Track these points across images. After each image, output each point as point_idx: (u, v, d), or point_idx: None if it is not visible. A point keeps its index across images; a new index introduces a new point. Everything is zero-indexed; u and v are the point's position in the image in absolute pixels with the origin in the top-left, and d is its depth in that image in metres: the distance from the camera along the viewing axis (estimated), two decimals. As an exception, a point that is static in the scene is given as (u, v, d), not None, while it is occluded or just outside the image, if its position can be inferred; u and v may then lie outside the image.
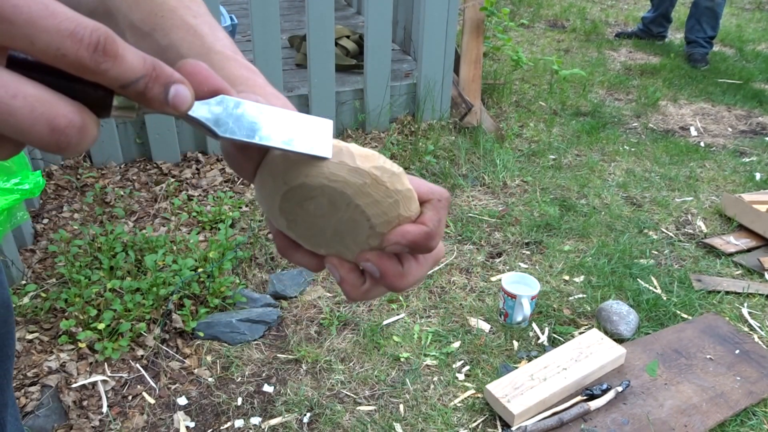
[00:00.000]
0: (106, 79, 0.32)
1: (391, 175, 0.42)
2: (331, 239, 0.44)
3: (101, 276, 1.98)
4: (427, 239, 0.43)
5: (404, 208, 0.43)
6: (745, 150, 3.24)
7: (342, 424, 1.64)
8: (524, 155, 3.02)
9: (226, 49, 0.48)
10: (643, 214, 2.61)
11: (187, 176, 2.64)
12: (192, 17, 0.48)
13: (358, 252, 0.44)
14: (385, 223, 0.42)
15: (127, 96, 0.34)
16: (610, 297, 2.11)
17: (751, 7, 6.14)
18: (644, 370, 1.81)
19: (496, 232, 2.44)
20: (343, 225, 0.43)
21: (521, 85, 3.81)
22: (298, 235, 0.45)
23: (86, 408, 1.64)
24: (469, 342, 1.92)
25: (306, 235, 0.45)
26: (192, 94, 0.36)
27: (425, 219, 0.43)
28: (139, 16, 0.47)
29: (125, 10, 0.48)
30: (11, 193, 1.76)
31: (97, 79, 0.32)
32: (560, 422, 1.62)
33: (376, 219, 0.42)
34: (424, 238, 0.43)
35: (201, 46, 0.47)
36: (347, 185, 0.41)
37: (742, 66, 4.39)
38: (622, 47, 4.71)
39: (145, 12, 0.47)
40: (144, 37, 0.47)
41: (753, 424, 1.68)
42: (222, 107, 0.38)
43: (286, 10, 4.15)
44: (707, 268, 2.29)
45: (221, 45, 0.48)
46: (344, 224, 0.43)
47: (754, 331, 2.01)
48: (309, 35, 2.76)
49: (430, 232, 0.43)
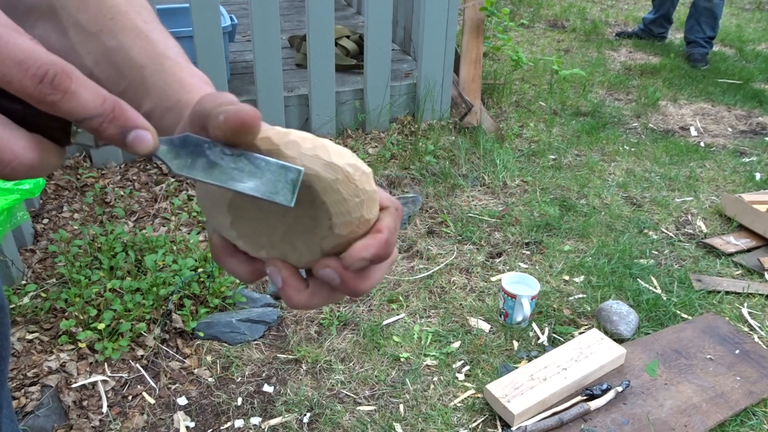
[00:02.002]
0: (57, 112, 0.33)
1: (362, 173, 0.41)
2: (279, 240, 0.43)
3: (101, 276, 1.98)
4: (387, 248, 0.42)
5: (367, 210, 0.41)
6: (745, 150, 3.24)
7: (342, 424, 1.64)
8: (524, 155, 3.02)
9: (179, 57, 0.48)
10: (643, 214, 2.61)
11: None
12: (143, 22, 0.48)
13: (315, 258, 0.43)
14: (345, 224, 0.41)
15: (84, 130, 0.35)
16: (610, 297, 2.11)
17: (751, 7, 6.14)
18: (644, 370, 1.81)
19: (496, 232, 2.44)
20: (299, 224, 0.42)
21: (521, 85, 3.81)
22: (241, 234, 0.43)
23: (86, 408, 1.64)
24: (469, 342, 1.92)
25: (249, 235, 0.43)
26: (154, 139, 0.36)
27: (382, 226, 0.42)
28: (86, 16, 0.47)
29: (71, 8, 0.47)
30: (11, 193, 1.76)
31: (48, 110, 0.33)
32: (560, 422, 1.62)
33: (338, 218, 0.41)
34: (384, 248, 0.42)
35: (152, 50, 0.47)
36: (319, 180, 0.39)
37: (742, 66, 4.39)
38: (622, 47, 4.71)
39: (93, 12, 0.47)
40: (89, 37, 0.47)
41: (753, 424, 1.68)
42: (185, 145, 0.38)
43: (286, 10, 4.15)
44: (707, 268, 2.29)
45: (173, 52, 0.48)
46: (300, 223, 0.42)
47: (754, 331, 2.01)
48: (309, 35, 2.76)
49: (388, 240, 0.42)
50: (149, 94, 0.45)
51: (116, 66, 0.46)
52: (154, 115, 0.45)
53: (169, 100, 0.45)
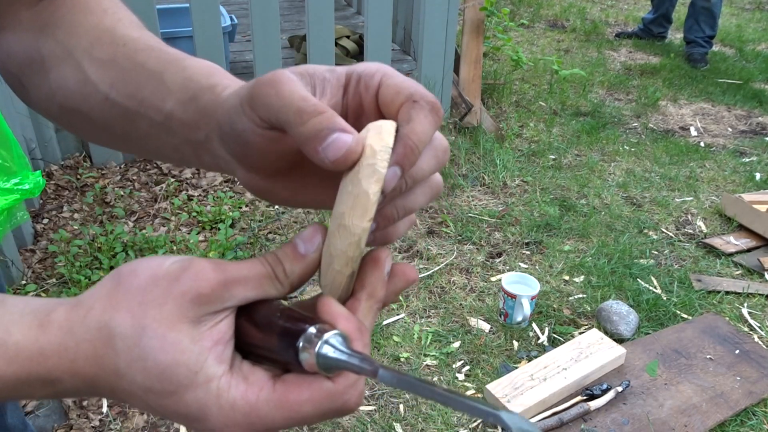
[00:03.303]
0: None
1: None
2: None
3: (101, 276, 1.98)
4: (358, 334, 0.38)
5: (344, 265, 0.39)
6: (745, 150, 3.24)
7: (342, 424, 1.64)
8: (524, 155, 3.02)
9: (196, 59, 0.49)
10: (643, 214, 2.61)
11: (187, 176, 2.64)
12: (155, 41, 0.50)
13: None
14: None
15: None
16: (610, 297, 2.11)
17: (751, 7, 6.14)
18: (644, 370, 1.81)
19: (496, 232, 2.44)
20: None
21: (521, 85, 3.81)
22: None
23: (86, 408, 1.64)
24: (469, 342, 1.92)
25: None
26: None
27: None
28: (100, 48, 0.49)
29: (86, 46, 0.50)
30: (11, 193, 1.76)
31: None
32: (560, 422, 1.62)
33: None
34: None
35: (169, 57, 0.48)
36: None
37: (742, 66, 4.39)
38: (622, 47, 4.71)
39: (107, 44, 0.49)
40: (103, 66, 0.49)
41: (753, 424, 1.68)
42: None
43: (286, 10, 4.15)
44: (707, 268, 2.29)
45: (191, 59, 0.49)
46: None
47: (754, 331, 2.01)
48: (309, 35, 2.76)
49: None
50: (171, 92, 0.45)
51: (135, 82, 0.47)
52: (176, 111, 0.45)
53: (189, 90, 0.45)
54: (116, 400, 0.38)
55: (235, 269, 0.37)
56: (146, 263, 0.37)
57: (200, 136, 0.44)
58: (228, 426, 0.35)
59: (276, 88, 0.36)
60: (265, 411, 0.35)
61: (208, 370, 0.34)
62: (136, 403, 0.36)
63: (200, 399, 0.34)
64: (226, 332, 0.36)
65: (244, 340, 0.37)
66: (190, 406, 0.34)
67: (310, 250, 0.38)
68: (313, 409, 0.35)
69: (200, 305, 0.35)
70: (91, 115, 0.49)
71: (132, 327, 0.34)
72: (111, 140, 0.52)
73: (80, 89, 0.48)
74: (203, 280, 0.35)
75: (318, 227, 0.39)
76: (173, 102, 0.45)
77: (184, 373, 0.34)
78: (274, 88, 0.36)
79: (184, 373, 0.34)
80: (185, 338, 0.34)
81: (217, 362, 0.35)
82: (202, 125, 0.43)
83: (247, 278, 0.37)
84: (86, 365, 0.35)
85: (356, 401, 0.37)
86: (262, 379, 0.36)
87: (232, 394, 0.35)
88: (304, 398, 0.35)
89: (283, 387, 0.36)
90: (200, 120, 0.43)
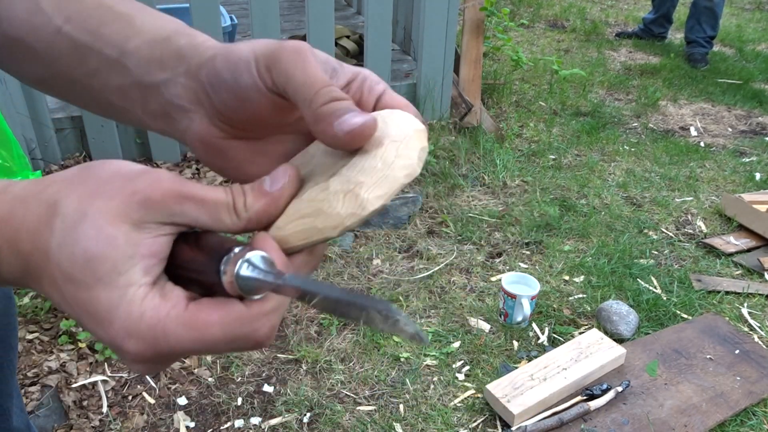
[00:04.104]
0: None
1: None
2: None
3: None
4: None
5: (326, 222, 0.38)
6: (745, 150, 3.24)
7: (342, 424, 1.64)
8: (524, 155, 3.02)
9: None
10: (643, 214, 2.61)
11: (188, 176, 2.64)
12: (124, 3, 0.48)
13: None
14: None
15: None
16: (610, 297, 2.11)
17: (751, 7, 6.14)
18: (644, 370, 1.81)
19: (496, 232, 2.44)
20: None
21: (521, 85, 3.81)
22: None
23: (86, 408, 1.64)
24: (469, 342, 1.92)
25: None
26: None
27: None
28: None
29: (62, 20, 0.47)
30: (11, 193, 1.76)
31: None
32: (560, 422, 1.62)
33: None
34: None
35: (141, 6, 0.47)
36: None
37: (742, 66, 4.39)
38: (622, 47, 4.71)
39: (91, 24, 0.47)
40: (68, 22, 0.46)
41: (753, 424, 1.68)
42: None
43: (286, 10, 4.15)
44: (707, 268, 2.29)
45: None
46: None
47: (754, 331, 2.01)
48: (309, 35, 2.76)
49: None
50: (140, 32, 0.44)
51: (96, 18, 0.45)
52: (141, 49, 0.44)
53: (163, 31, 0.44)
54: (40, 293, 0.37)
55: (194, 188, 0.36)
56: (119, 162, 0.37)
57: (161, 77, 0.43)
58: (130, 336, 0.34)
59: (303, 63, 0.36)
60: (172, 328, 0.34)
61: (131, 276, 0.34)
62: (54, 295, 0.35)
63: (113, 300, 0.33)
64: (163, 250, 0.35)
65: (176, 262, 0.36)
66: (100, 305, 0.34)
67: (275, 187, 0.37)
68: (221, 333, 0.35)
69: (146, 209, 0.34)
70: (36, 46, 0.47)
71: (75, 210, 0.34)
72: (49, 78, 0.49)
73: (29, 18, 0.46)
74: (157, 186, 0.35)
75: (290, 168, 0.38)
76: (140, 41, 0.44)
77: (108, 269, 0.33)
78: (301, 62, 0.36)
79: (107, 270, 0.33)
80: (121, 236, 0.33)
81: (143, 272, 0.34)
82: (170, 65, 0.42)
83: (204, 199, 0.36)
84: (26, 239, 0.35)
85: (266, 333, 0.36)
86: (177, 297, 0.35)
87: (144, 305, 0.34)
88: (213, 319, 0.34)
89: (196, 307, 0.35)
90: (169, 60, 0.42)
